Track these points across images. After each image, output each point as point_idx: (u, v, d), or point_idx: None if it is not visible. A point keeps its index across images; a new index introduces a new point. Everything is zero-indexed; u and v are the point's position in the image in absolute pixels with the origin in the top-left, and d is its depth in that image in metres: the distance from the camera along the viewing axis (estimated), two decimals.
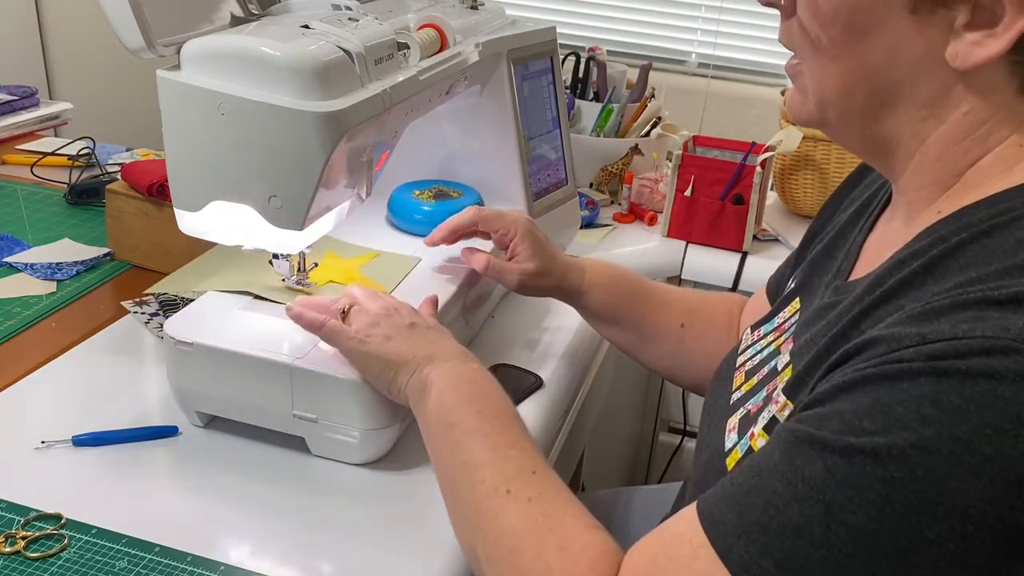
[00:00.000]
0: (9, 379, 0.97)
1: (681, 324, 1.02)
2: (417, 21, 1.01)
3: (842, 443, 0.51)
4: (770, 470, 0.54)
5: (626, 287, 1.03)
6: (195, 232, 0.86)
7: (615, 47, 2.13)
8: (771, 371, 0.72)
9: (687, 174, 1.49)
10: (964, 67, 0.57)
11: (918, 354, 0.51)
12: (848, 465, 0.50)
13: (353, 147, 0.83)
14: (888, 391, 0.51)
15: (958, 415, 0.48)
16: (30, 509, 0.78)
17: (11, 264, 1.21)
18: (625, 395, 1.66)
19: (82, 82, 2.33)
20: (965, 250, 0.57)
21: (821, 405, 0.55)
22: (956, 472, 0.48)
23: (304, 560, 0.76)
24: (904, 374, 0.51)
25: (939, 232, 0.59)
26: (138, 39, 0.77)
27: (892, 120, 0.63)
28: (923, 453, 0.48)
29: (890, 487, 0.49)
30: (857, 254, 0.73)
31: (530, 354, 1.09)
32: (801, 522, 0.51)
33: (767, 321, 0.82)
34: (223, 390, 0.87)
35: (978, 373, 0.48)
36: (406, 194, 1.18)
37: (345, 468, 0.87)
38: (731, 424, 0.72)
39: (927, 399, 0.49)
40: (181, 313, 0.92)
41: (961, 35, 0.57)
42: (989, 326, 0.50)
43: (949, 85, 0.59)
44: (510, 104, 1.18)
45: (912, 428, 0.49)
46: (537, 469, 0.70)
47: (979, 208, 0.59)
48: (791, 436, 0.55)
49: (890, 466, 0.49)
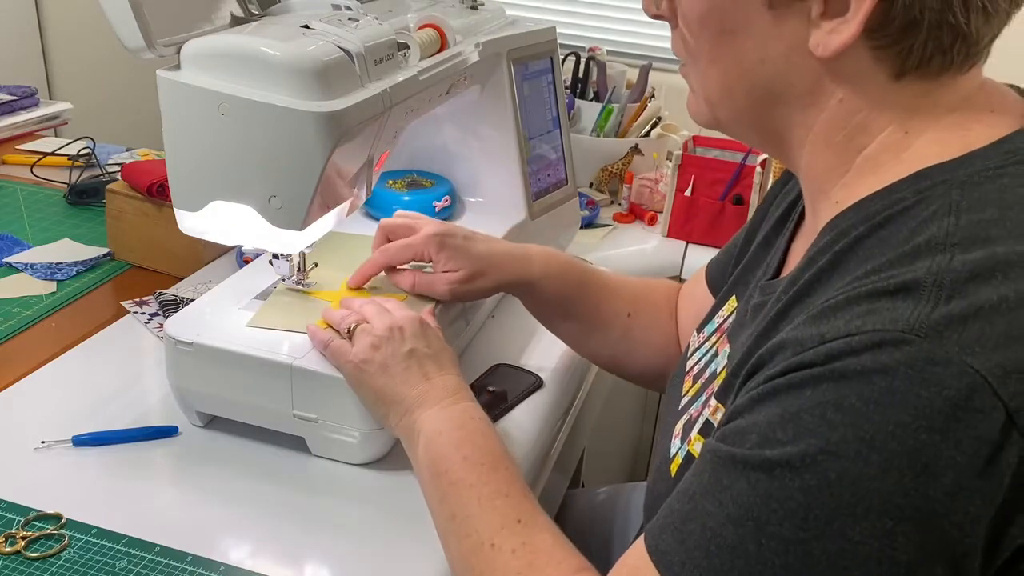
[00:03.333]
0: (9, 379, 0.97)
1: (628, 313, 1.00)
2: (417, 21, 1.01)
3: (759, 458, 0.52)
4: (702, 493, 0.55)
5: (577, 276, 1.00)
6: (195, 232, 0.86)
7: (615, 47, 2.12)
8: (711, 375, 0.73)
9: (687, 174, 1.49)
10: (827, 55, 0.58)
11: (817, 355, 0.52)
12: (768, 479, 0.51)
13: (353, 147, 0.83)
14: (795, 400, 0.52)
15: (860, 416, 0.49)
16: (30, 509, 0.78)
17: (11, 264, 1.21)
18: (625, 395, 1.66)
19: (82, 82, 2.33)
20: (863, 243, 0.58)
21: (740, 418, 0.55)
22: (867, 471, 0.49)
23: (304, 560, 0.76)
24: (808, 381, 0.52)
25: (840, 226, 0.60)
26: (138, 39, 0.76)
27: (777, 113, 0.64)
28: (832, 457, 0.49)
29: (808, 495, 0.50)
30: (785, 251, 0.74)
31: (530, 354, 1.09)
32: (736, 541, 0.52)
33: (708, 321, 0.83)
34: (223, 390, 0.87)
35: (872, 370, 0.49)
36: (379, 184, 1.18)
37: (345, 468, 0.87)
38: (676, 430, 0.73)
39: (830, 404, 0.50)
40: (181, 313, 0.92)
41: (819, 24, 0.58)
42: (879, 319, 0.51)
43: (819, 75, 0.61)
44: (510, 104, 1.18)
45: (819, 434, 0.50)
46: (523, 517, 0.70)
47: (873, 200, 0.59)
48: (715, 457, 0.56)
49: (805, 474, 0.50)
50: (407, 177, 1.23)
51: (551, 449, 1.00)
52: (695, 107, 0.69)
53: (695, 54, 0.66)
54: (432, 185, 1.22)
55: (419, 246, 0.94)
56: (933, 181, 0.57)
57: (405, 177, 1.23)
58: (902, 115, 0.61)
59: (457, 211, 1.26)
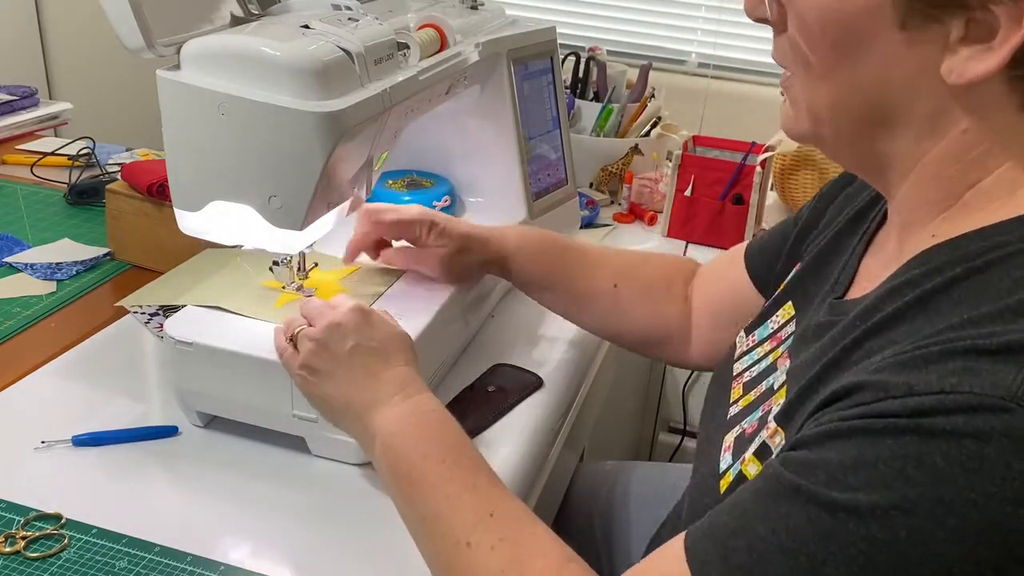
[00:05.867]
0: (9, 379, 0.97)
1: (614, 284, 1.00)
2: (417, 21, 1.01)
3: (826, 497, 0.50)
4: (755, 514, 0.54)
5: (554, 251, 1.01)
6: (195, 232, 0.86)
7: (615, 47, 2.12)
8: (768, 390, 0.71)
9: (687, 174, 1.49)
10: (960, 83, 0.55)
11: (904, 407, 0.49)
12: (832, 520, 0.50)
13: (353, 147, 0.83)
14: (872, 447, 0.50)
15: (942, 477, 0.47)
16: (30, 509, 0.78)
17: (11, 264, 1.21)
18: (625, 395, 1.66)
19: (82, 82, 2.33)
20: (958, 286, 0.55)
21: (807, 449, 0.53)
22: (939, 535, 0.47)
23: (304, 560, 0.76)
24: (889, 430, 0.50)
25: (933, 262, 0.57)
26: (138, 39, 0.77)
27: (887, 138, 0.61)
28: (906, 515, 0.48)
29: (872, 546, 0.48)
30: (855, 269, 0.71)
31: (530, 354, 1.09)
32: (784, 572, 0.51)
33: (760, 324, 0.81)
34: (223, 390, 0.87)
35: (964, 433, 0.47)
36: (379, 184, 1.19)
37: (345, 468, 0.87)
38: (727, 442, 0.71)
39: (911, 459, 0.48)
40: (181, 313, 0.92)
41: (956, 50, 0.55)
42: (978, 381, 0.48)
43: (946, 102, 0.57)
44: (510, 104, 1.18)
45: (895, 488, 0.48)
46: (495, 509, 0.67)
47: (974, 239, 0.56)
48: (777, 482, 0.54)
49: (872, 525, 0.48)
50: (407, 177, 1.23)
51: (551, 450, 1.00)
52: (793, 120, 0.65)
53: (808, 63, 0.61)
54: (432, 185, 1.23)
55: (410, 223, 0.98)
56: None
57: (405, 177, 1.23)
58: (1022, 151, 0.57)
59: (457, 211, 1.26)
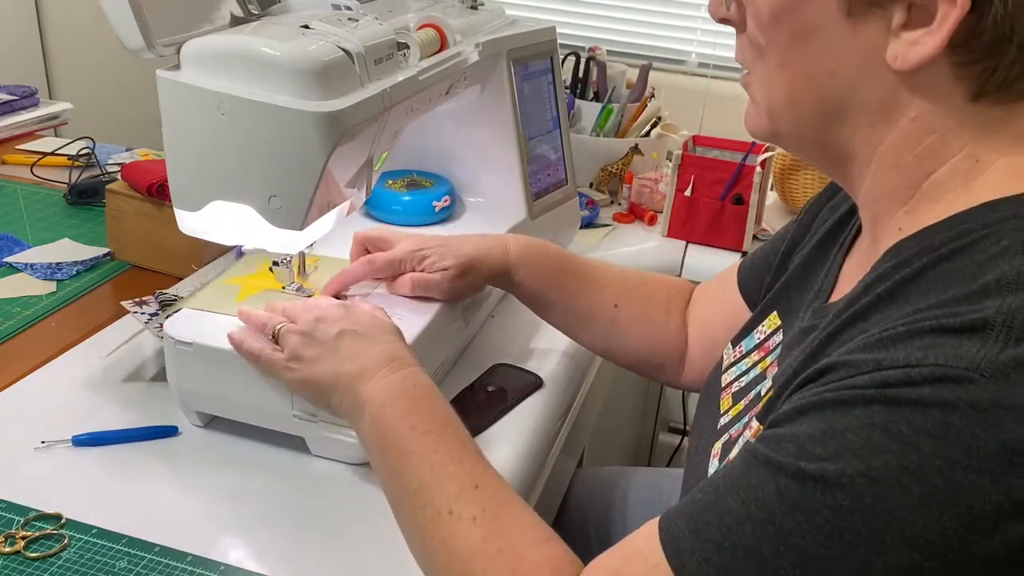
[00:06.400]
0: (9, 379, 0.97)
1: (615, 304, 0.99)
2: (417, 21, 1.01)
3: (794, 467, 0.51)
4: (727, 487, 0.55)
5: (555, 266, 1.00)
6: (195, 232, 0.86)
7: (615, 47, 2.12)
8: (755, 397, 0.72)
9: (687, 174, 1.49)
10: (905, 68, 0.56)
11: (872, 380, 0.50)
12: (799, 490, 0.50)
13: (353, 147, 0.83)
14: (841, 417, 0.51)
15: (908, 445, 0.48)
16: (30, 509, 0.78)
17: (11, 264, 1.21)
18: (625, 395, 1.66)
19: (82, 82, 2.33)
20: (926, 275, 0.55)
21: (779, 427, 0.54)
22: (905, 502, 0.47)
23: (304, 560, 0.76)
24: (857, 400, 0.50)
25: (902, 254, 0.58)
26: (138, 39, 0.77)
27: (842, 128, 0.61)
28: (872, 482, 0.48)
29: (838, 515, 0.49)
30: (837, 274, 0.72)
31: (530, 354, 1.09)
32: (752, 543, 0.51)
33: (746, 335, 0.81)
34: (223, 390, 0.87)
35: (929, 402, 0.48)
36: (379, 184, 1.19)
37: (345, 468, 0.87)
38: (715, 450, 0.72)
39: (878, 427, 0.49)
40: (181, 313, 0.92)
41: (899, 35, 0.56)
42: (943, 353, 0.49)
43: (894, 89, 0.58)
44: (510, 104, 1.18)
45: (861, 456, 0.49)
46: (480, 482, 0.68)
47: (939, 230, 0.57)
48: (750, 456, 0.55)
49: (839, 494, 0.49)
50: (407, 177, 1.23)
51: (551, 449, 1.00)
52: (754, 119, 0.66)
53: (763, 57, 0.63)
54: (432, 185, 1.23)
55: (401, 259, 0.97)
56: (1004, 215, 0.55)
57: (405, 177, 1.23)
58: (975, 140, 0.58)
59: (457, 211, 1.26)
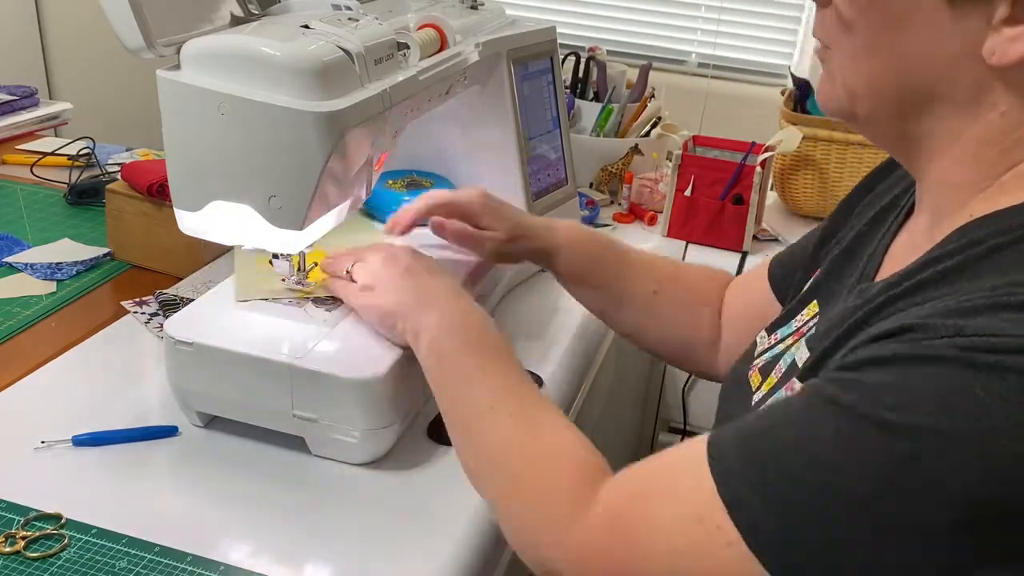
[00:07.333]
0: (9, 379, 0.97)
1: (654, 291, 1.01)
2: (417, 21, 1.01)
3: (859, 411, 0.51)
4: (785, 419, 0.55)
5: (598, 249, 1.02)
6: (195, 232, 0.86)
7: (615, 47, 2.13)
8: (791, 366, 0.71)
9: (687, 174, 1.49)
10: (1002, 64, 0.55)
11: (953, 344, 0.50)
12: (861, 434, 0.50)
13: (353, 147, 0.83)
14: (917, 372, 0.50)
15: (982, 407, 0.47)
16: (30, 509, 0.78)
17: (11, 264, 1.21)
18: (625, 395, 1.66)
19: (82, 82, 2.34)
20: (1002, 253, 0.55)
21: (849, 371, 0.54)
22: (964, 462, 0.47)
23: (304, 560, 0.76)
24: (935, 359, 0.50)
25: (972, 235, 0.57)
26: (138, 39, 0.77)
27: (925, 117, 0.60)
28: (939, 437, 0.48)
29: (894, 460, 0.49)
30: (882, 257, 0.71)
31: (530, 353, 1.09)
32: (799, 474, 0.52)
33: (783, 324, 0.80)
34: (223, 390, 0.87)
35: (1008, 368, 0.48)
36: (379, 184, 1.19)
37: (345, 468, 0.87)
38: None
39: (954, 389, 0.48)
40: (181, 313, 0.92)
41: (1000, 30, 0.54)
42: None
43: (986, 83, 0.57)
44: (510, 104, 1.18)
45: (933, 413, 0.48)
46: (523, 394, 0.74)
47: (1014, 214, 0.56)
48: (814, 392, 0.54)
49: (900, 443, 0.49)
50: (407, 177, 1.23)
51: None
52: (830, 94, 0.64)
53: (850, 34, 0.61)
54: (432, 185, 1.22)
55: (464, 203, 0.99)
56: None
57: (405, 177, 1.23)
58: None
59: None
